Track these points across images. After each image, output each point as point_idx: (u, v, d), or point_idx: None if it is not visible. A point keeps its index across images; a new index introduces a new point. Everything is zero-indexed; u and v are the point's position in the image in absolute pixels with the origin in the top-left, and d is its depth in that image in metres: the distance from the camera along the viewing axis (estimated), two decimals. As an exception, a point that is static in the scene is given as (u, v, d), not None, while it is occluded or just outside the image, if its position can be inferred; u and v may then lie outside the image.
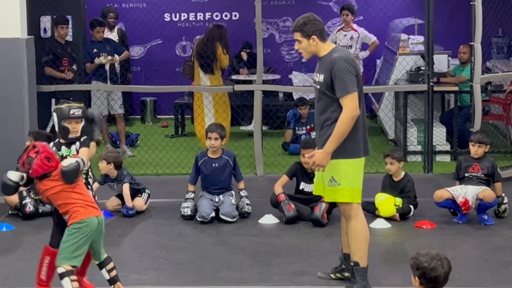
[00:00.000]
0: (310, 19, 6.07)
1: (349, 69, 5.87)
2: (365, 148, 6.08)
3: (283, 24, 15.02)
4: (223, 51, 11.54)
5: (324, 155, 5.88)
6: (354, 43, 12.84)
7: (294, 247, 7.42)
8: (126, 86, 12.00)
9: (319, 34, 6.04)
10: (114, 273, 6.00)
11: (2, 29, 9.11)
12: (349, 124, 5.84)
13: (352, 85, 5.85)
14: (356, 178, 6.06)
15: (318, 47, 6.05)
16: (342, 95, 5.85)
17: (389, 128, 12.21)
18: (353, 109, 5.84)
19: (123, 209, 8.58)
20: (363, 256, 6.11)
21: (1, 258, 7.17)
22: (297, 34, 6.10)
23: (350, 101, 5.84)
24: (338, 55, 5.94)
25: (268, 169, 10.53)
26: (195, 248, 7.39)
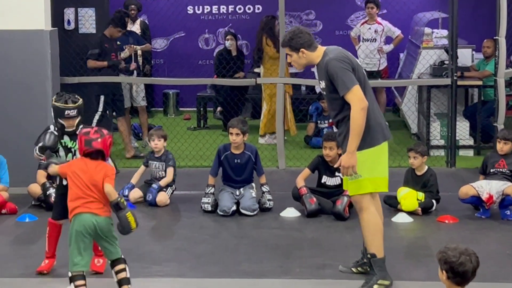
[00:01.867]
0: (296, 33, 6.09)
1: (342, 66, 5.90)
2: (382, 134, 6.08)
3: (306, 17, 14.99)
4: (267, 41, 11.58)
5: (350, 155, 5.90)
6: (378, 37, 12.80)
7: (315, 240, 7.41)
8: (148, 79, 12.03)
9: (307, 46, 6.06)
10: (123, 276, 5.83)
11: (27, 21, 9.15)
12: (362, 117, 5.86)
13: (350, 81, 5.88)
14: (377, 167, 6.07)
15: (310, 58, 6.10)
16: (345, 93, 5.89)
17: (412, 122, 12.16)
18: (359, 101, 5.86)
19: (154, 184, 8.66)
20: (379, 247, 6.10)
21: (23, 248, 7.21)
22: (287, 49, 6.16)
23: (354, 95, 5.86)
24: (329, 58, 5.97)
25: (290, 162, 10.52)
26: (216, 240, 7.40)
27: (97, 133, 5.82)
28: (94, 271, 6.36)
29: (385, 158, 6.15)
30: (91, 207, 5.72)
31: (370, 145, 5.99)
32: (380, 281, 6.07)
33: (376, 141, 6.03)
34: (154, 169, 8.88)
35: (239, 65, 12.85)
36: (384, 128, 6.13)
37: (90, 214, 5.71)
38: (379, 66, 12.90)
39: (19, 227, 7.90)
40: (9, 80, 9.15)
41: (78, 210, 5.72)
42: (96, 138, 5.80)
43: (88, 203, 5.72)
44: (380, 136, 6.06)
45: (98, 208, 5.74)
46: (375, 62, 12.89)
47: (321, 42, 14.87)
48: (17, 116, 9.10)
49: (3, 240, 7.46)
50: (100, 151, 5.83)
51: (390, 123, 12.91)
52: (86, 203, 5.72)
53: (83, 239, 5.70)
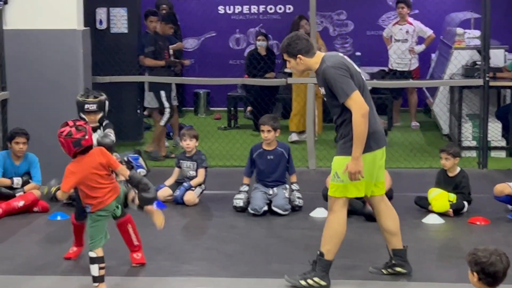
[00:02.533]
0: (293, 39, 6.08)
1: (339, 73, 5.88)
2: (375, 142, 6.03)
3: (337, 18, 14.95)
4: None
5: (355, 161, 5.90)
6: (410, 37, 12.76)
7: (345, 241, 7.34)
8: (179, 78, 12.04)
9: (305, 52, 6.04)
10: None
11: (59, 21, 9.22)
12: (364, 123, 5.85)
13: (348, 87, 5.86)
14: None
15: (308, 64, 6.08)
16: (345, 100, 5.87)
17: (443, 123, 12.09)
18: (360, 107, 5.85)
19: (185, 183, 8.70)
20: (330, 250, 6.12)
21: (56, 246, 7.26)
22: (285, 55, 6.15)
23: (354, 102, 5.85)
24: (326, 65, 5.96)
25: (320, 162, 10.50)
26: (247, 240, 7.41)
27: (78, 130, 5.89)
28: (137, 263, 6.54)
29: (374, 164, 6.11)
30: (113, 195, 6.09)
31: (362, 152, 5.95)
32: (317, 278, 6.09)
33: (367, 149, 5.98)
34: (185, 168, 8.90)
35: (269, 65, 12.86)
36: (380, 135, 6.11)
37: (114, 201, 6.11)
38: (410, 66, 12.86)
39: (50, 225, 7.95)
40: (42, 79, 9.23)
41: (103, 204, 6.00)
42: (82, 136, 5.89)
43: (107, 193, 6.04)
44: (373, 144, 6.03)
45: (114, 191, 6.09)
46: (406, 63, 12.84)
47: (352, 43, 14.97)
48: (49, 115, 9.17)
49: (34, 238, 7.52)
50: (89, 147, 5.96)
51: (421, 124, 13.04)
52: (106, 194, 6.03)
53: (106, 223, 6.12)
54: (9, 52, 9.32)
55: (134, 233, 6.56)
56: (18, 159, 8.52)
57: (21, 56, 9.26)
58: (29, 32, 9.24)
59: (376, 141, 6.06)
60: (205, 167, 8.87)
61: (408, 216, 8.12)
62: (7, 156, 8.54)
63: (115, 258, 6.68)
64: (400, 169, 10.15)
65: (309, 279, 6.09)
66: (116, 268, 6.53)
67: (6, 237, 7.51)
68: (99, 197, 5.98)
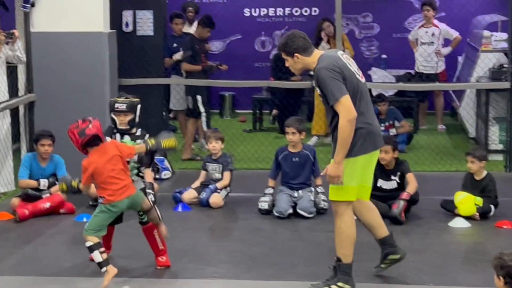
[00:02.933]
0: (290, 38, 6.03)
1: (331, 76, 5.81)
2: (373, 143, 6.00)
3: (363, 20, 14.93)
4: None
5: (336, 165, 5.87)
6: (436, 39, 12.71)
7: (370, 244, 7.33)
8: (204, 81, 12.06)
9: (302, 50, 5.99)
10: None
11: (86, 23, 9.27)
12: (348, 129, 5.79)
13: (338, 91, 5.79)
14: (358, 175, 5.99)
15: (305, 62, 6.03)
16: (333, 103, 5.82)
17: (470, 126, 12.02)
18: (347, 113, 5.78)
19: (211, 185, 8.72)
20: (346, 254, 6.05)
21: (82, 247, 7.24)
22: (282, 53, 6.11)
23: (342, 106, 5.78)
24: (319, 66, 5.90)
25: (345, 165, 10.45)
26: (272, 243, 7.40)
27: (85, 121, 6.04)
28: (161, 266, 6.57)
29: (370, 167, 6.09)
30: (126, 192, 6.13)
31: (356, 154, 5.93)
32: (341, 283, 6.02)
33: (364, 150, 5.95)
34: (211, 171, 8.91)
35: (295, 67, 12.83)
36: (377, 137, 6.05)
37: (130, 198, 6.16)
38: (437, 69, 12.80)
39: (76, 227, 7.97)
40: (68, 82, 9.28)
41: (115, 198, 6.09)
42: (86, 126, 6.01)
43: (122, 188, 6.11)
44: (369, 146, 5.98)
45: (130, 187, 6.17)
46: (433, 65, 12.79)
47: (378, 45, 14.92)
48: (75, 116, 9.08)
49: (60, 239, 7.55)
50: (96, 136, 6.03)
51: (447, 127, 12.99)
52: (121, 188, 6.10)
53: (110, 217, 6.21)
54: (36, 55, 9.39)
55: (160, 238, 6.58)
56: (44, 161, 8.57)
57: (48, 58, 9.33)
58: (56, 35, 9.29)
59: (372, 143, 6.01)
60: (230, 169, 8.87)
61: (434, 219, 8.09)
62: (33, 158, 8.59)
63: (139, 260, 6.70)
64: (426, 172, 10.11)
65: (333, 285, 6.04)
66: (141, 270, 6.54)
67: (33, 239, 7.56)
68: (110, 189, 6.06)
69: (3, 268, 6.74)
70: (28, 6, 9.24)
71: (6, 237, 7.68)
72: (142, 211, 6.45)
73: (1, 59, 8.95)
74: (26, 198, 8.40)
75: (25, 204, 8.31)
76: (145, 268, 6.58)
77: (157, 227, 6.50)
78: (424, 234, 7.65)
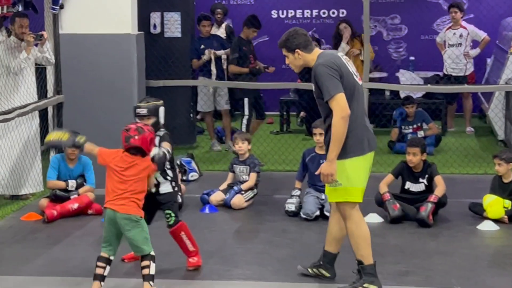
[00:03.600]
0: (291, 34, 6.05)
1: (328, 72, 5.81)
2: (368, 144, 5.99)
3: (391, 22, 14.87)
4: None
5: (329, 163, 5.86)
6: (464, 41, 12.64)
7: (398, 247, 7.34)
8: (232, 82, 12.08)
9: (303, 47, 6.00)
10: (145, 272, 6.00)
11: (114, 25, 9.31)
12: (342, 126, 5.78)
13: (334, 88, 5.78)
14: (356, 177, 5.96)
15: (306, 59, 6.03)
16: (328, 100, 5.81)
17: (498, 129, 11.93)
18: (341, 110, 5.76)
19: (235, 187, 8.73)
20: (365, 255, 6.03)
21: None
22: (283, 50, 6.13)
23: (337, 103, 5.77)
24: (317, 63, 5.91)
25: (373, 167, 10.35)
26: (299, 245, 7.39)
27: (137, 130, 6.05)
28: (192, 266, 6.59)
29: (364, 169, 6.05)
30: (115, 204, 5.98)
31: (353, 155, 5.92)
32: (366, 284, 6.00)
33: (360, 152, 5.94)
34: (238, 172, 8.92)
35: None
36: (371, 138, 6.04)
37: (113, 211, 5.99)
38: (465, 71, 12.73)
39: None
40: (96, 83, 9.32)
41: (107, 205, 6.04)
42: (134, 135, 6.03)
43: (114, 200, 6.00)
44: (365, 147, 5.97)
45: (121, 204, 5.98)
46: (461, 67, 12.72)
47: (406, 47, 14.86)
48: (103, 118, 9.26)
49: (89, 240, 7.59)
50: (138, 149, 6.03)
51: (476, 129, 12.89)
52: (113, 199, 6.00)
53: (109, 229, 6.05)
54: (64, 56, 9.44)
55: (189, 239, 6.59)
56: (72, 162, 8.62)
57: (76, 60, 9.37)
58: (84, 37, 9.34)
59: (368, 144, 6.00)
60: (257, 171, 8.87)
61: (462, 222, 8.04)
62: (61, 159, 8.64)
63: (167, 261, 6.72)
64: (455, 175, 10.05)
65: (359, 287, 6.03)
66: (168, 272, 6.56)
67: (61, 239, 7.60)
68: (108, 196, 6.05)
69: (31, 269, 6.79)
70: (57, 8, 9.29)
71: (34, 237, 7.73)
72: (168, 214, 6.46)
73: (30, 60, 9.02)
74: (55, 199, 8.46)
75: (54, 205, 8.36)
76: (172, 269, 6.61)
77: (184, 229, 6.49)
78: (452, 237, 7.61)
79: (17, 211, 8.64)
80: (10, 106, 8.76)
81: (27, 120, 9.04)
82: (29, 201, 9.04)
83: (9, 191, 9.05)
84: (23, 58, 8.92)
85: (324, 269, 6.36)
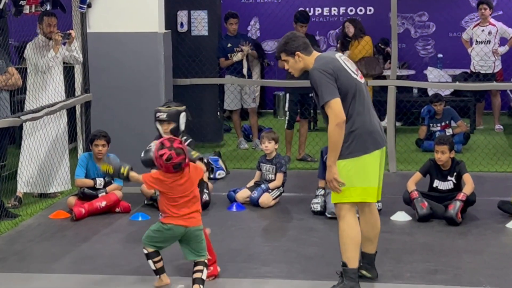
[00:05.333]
0: (290, 37, 5.98)
1: (323, 77, 5.75)
2: (373, 143, 5.90)
3: (419, 19, 14.79)
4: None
5: (329, 169, 5.84)
6: (493, 38, 12.54)
7: (426, 245, 7.29)
8: (258, 81, 12.10)
9: (303, 49, 5.94)
10: (197, 275, 5.98)
11: (141, 24, 9.33)
12: (337, 133, 5.73)
13: (327, 93, 5.73)
14: (363, 176, 5.89)
15: (306, 62, 5.96)
16: (323, 105, 5.78)
17: (527, 126, 11.84)
18: (335, 117, 5.71)
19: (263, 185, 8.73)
20: (351, 257, 5.96)
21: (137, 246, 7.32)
22: (282, 54, 6.02)
23: (331, 110, 5.73)
24: (313, 67, 5.86)
25: (401, 165, 10.39)
26: (326, 243, 7.36)
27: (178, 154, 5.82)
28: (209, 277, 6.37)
29: (374, 167, 5.96)
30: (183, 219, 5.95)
31: (356, 154, 5.85)
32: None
33: (364, 150, 5.87)
34: (265, 171, 8.91)
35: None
36: (377, 136, 5.94)
37: (184, 227, 5.95)
38: (494, 68, 12.64)
39: (132, 226, 8.05)
40: (124, 82, 9.34)
41: (171, 221, 5.97)
42: (183, 159, 5.85)
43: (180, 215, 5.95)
44: (370, 145, 5.89)
45: (188, 218, 5.96)
46: (490, 65, 12.63)
47: (434, 44, 14.77)
48: (131, 117, 9.28)
49: (116, 238, 7.62)
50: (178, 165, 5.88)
51: (505, 127, 12.81)
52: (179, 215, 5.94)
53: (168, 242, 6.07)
54: (92, 55, 9.48)
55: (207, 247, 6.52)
56: (100, 161, 8.65)
57: (104, 58, 9.41)
58: (112, 35, 9.37)
59: (374, 142, 5.92)
60: (284, 171, 8.85)
61: (491, 221, 7.98)
62: (89, 157, 8.68)
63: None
64: (483, 173, 9.98)
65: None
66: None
67: (89, 237, 7.64)
68: (171, 211, 5.98)
69: (60, 266, 6.82)
70: (85, 7, 9.33)
71: (63, 235, 7.77)
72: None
73: (58, 59, 9.06)
74: (83, 197, 8.50)
75: (82, 203, 8.40)
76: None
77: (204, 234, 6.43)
78: (481, 235, 7.55)
79: (46, 209, 8.70)
80: (38, 104, 8.81)
81: (55, 118, 9.09)
82: (57, 199, 9.09)
83: (38, 190, 9.11)
84: (51, 56, 8.97)
85: (365, 269, 6.29)
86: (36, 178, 9.00)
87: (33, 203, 8.94)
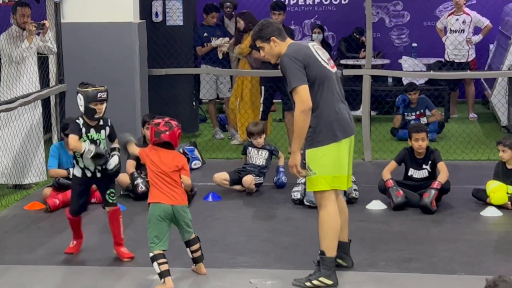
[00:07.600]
0: (264, 24, 6.05)
1: (292, 63, 5.81)
2: (342, 131, 5.94)
3: (393, 8, 14.82)
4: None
5: (292, 155, 5.88)
6: (467, 27, 12.60)
7: (402, 233, 7.34)
8: (234, 70, 12.04)
9: (278, 34, 6.00)
10: (198, 254, 6.25)
11: (116, 14, 9.29)
12: (302, 119, 5.78)
13: (295, 79, 5.78)
14: (329, 165, 5.93)
15: (281, 47, 5.99)
16: (290, 91, 5.83)
17: (502, 115, 11.90)
18: (301, 103, 5.77)
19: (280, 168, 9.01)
20: (329, 246, 6.00)
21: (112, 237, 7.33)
22: (258, 41, 6.07)
23: (297, 96, 5.79)
24: (284, 53, 5.91)
25: (376, 154, 10.43)
26: (302, 232, 7.38)
27: (166, 125, 6.09)
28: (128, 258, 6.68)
29: (344, 155, 6.01)
30: (169, 197, 6.02)
31: (326, 143, 5.89)
32: (322, 278, 5.98)
33: (334, 139, 5.91)
34: (254, 155, 9.12)
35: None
36: (345, 124, 5.97)
37: (170, 205, 6.02)
38: (468, 57, 12.70)
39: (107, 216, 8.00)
40: (98, 72, 9.27)
41: (157, 199, 6.04)
42: (164, 130, 6.08)
43: (165, 192, 6.03)
44: (339, 133, 5.93)
45: (174, 196, 6.03)
46: (463, 54, 12.70)
47: (408, 33, 14.81)
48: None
49: (92, 229, 7.59)
50: (167, 143, 6.10)
51: (479, 116, 12.87)
52: (164, 192, 6.03)
53: (162, 225, 6.01)
54: (66, 45, 9.43)
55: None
56: (73, 150, 8.60)
57: (78, 49, 9.36)
58: (86, 25, 9.33)
59: (342, 130, 5.95)
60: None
61: (465, 208, 8.04)
62: (60, 147, 8.62)
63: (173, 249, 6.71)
64: (458, 161, 10.05)
65: (314, 280, 6.00)
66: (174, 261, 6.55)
67: (64, 228, 7.58)
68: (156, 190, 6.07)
69: (34, 258, 6.80)
70: (59, -3, 9.28)
71: (38, 226, 7.74)
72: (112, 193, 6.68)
73: (32, 50, 9.01)
74: (58, 187, 8.46)
75: (56, 194, 8.36)
76: (178, 258, 6.57)
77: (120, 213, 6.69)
78: (456, 224, 7.61)
79: (20, 200, 8.66)
80: (12, 95, 8.76)
81: (29, 109, 9.03)
82: (32, 190, 9.05)
83: (12, 181, 9.06)
84: (25, 47, 8.91)
85: (340, 258, 6.30)
86: (11, 169, 8.96)
87: (7, 194, 8.89)
